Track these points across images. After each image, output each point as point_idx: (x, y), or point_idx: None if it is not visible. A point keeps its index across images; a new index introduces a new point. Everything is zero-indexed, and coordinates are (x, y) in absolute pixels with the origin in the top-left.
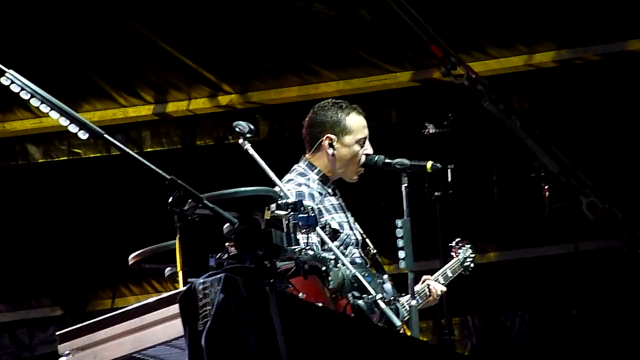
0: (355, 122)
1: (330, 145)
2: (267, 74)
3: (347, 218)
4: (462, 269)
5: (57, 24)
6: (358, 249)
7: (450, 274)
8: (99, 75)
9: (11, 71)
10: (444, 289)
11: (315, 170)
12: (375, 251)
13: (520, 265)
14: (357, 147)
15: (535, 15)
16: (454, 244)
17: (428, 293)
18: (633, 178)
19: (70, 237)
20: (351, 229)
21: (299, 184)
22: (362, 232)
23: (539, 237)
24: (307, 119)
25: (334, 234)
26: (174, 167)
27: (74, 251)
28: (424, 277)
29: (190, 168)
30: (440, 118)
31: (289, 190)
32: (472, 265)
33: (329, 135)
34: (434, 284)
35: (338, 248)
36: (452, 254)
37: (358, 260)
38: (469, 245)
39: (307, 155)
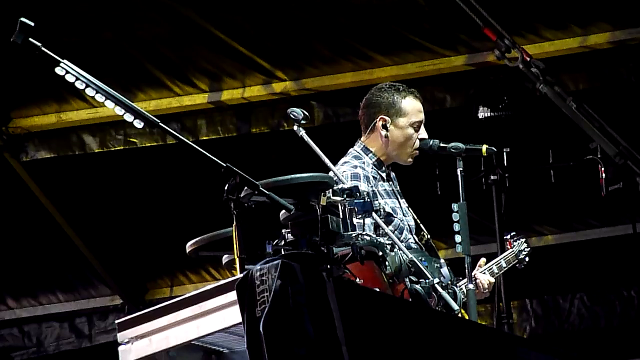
0: (411, 105)
1: (384, 126)
2: (321, 61)
3: (400, 204)
4: (517, 261)
5: (112, 14)
6: (412, 234)
7: (504, 265)
8: (153, 64)
9: (66, 61)
10: (492, 280)
11: (370, 155)
12: (429, 237)
13: (577, 247)
14: (410, 130)
15: None
16: (508, 237)
17: (474, 287)
18: None
19: (128, 226)
20: (404, 214)
21: (354, 166)
22: (416, 218)
23: (597, 219)
24: (363, 100)
25: (388, 218)
26: (229, 155)
27: (132, 240)
28: (481, 260)
29: (246, 156)
30: (496, 101)
31: (344, 172)
32: (527, 259)
33: (383, 116)
34: (482, 277)
35: (392, 233)
36: (507, 246)
37: (413, 246)
38: (523, 239)
39: (362, 138)
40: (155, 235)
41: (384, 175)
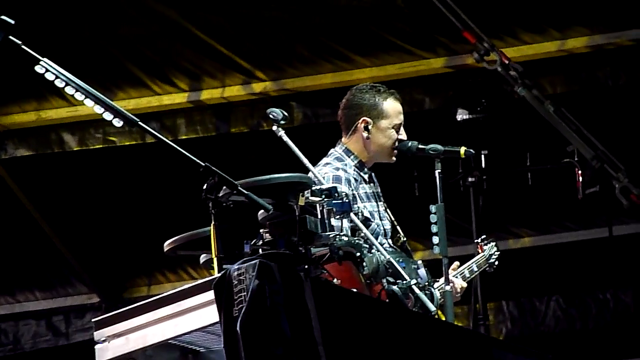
0: (392, 107)
1: (366, 128)
2: (301, 61)
3: (378, 207)
4: (488, 265)
5: (92, 12)
6: (387, 239)
7: (475, 269)
8: (133, 63)
9: (46, 59)
10: (464, 285)
11: (352, 157)
12: (405, 239)
13: (554, 249)
14: (392, 132)
15: (567, 0)
16: (479, 240)
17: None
18: None
19: (106, 224)
20: (381, 218)
21: (336, 168)
22: (392, 219)
23: (573, 222)
24: (344, 100)
25: (365, 223)
26: (208, 155)
27: (110, 238)
28: (454, 264)
29: (225, 155)
30: (474, 104)
31: (326, 174)
32: (496, 262)
33: (365, 118)
34: (454, 281)
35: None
36: (478, 250)
37: (388, 250)
38: (493, 243)
39: (343, 139)
40: (134, 234)
41: (365, 177)
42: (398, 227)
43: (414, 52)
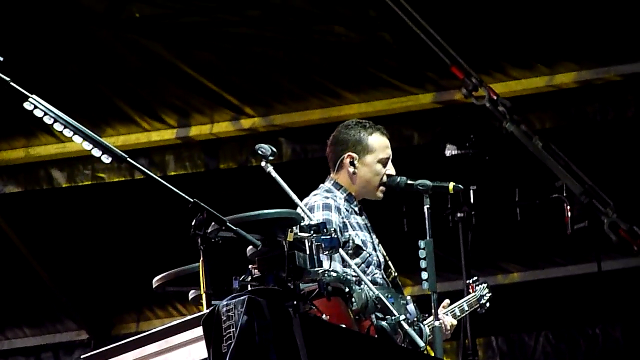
0: (378, 141)
1: (352, 163)
2: (290, 97)
3: (372, 238)
4: (479, 305)
5: (81, 49)
6: (380, 270)
7: (466, 308)
8: (122, 99)
9: (34, 96)
10: (454, 322)
11: (341, 190)
12: (396, 274)
13: (543, 285)
14: (378, 167)
15: (555, 35)
16: (470, 281)
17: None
18: None
19: (95, 261)
20: (374, 249)
21: (326, 197)
22: (385, 254)
23: (562, 257)
24: (331, 137)
25: (357, 250)
26: (197, 191)
27: (99, 275)
28: (445, 302)
29: (214, 191)
30: (462, 139)
31: (315, 202)
32: (488, 304)
33: (350, 153)
34: (444, 318)
35: (359, 266)
36: (470, 290)
37: (379, 281)
38: (485, 284)
39: (332, 174)
40: (122, 270)
41: (356, 209)
42: (390, 262)
43: (403, 87)
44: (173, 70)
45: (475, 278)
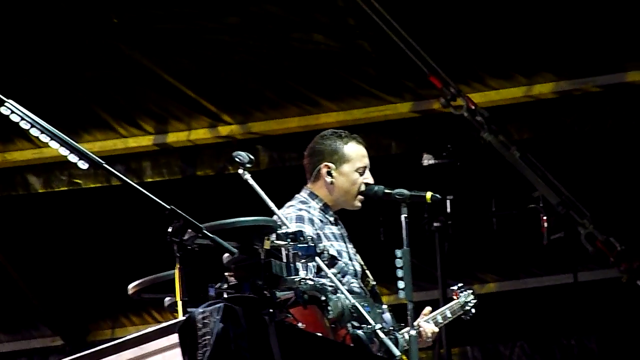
0: (354, 150)
1: (329, 173)
2: (268, 105)
3: (347, 248)
4: (463, 312)
5: (58, 55)
6: (357, 279)
7: (449, 315)
8: (99, 105)
9: (11, 101)
10: (436, 330)
11: (317, 200)
12: (374, 283)
13: (519, 295)
14: (355, 176)
15: (534, 46)
16: (455, 287)
17: (417, 335)
18: (632, 210)
19: (71, 267)
20: (350, 259)
21: (299, 209)
22: (362, 263)
23: (538, 268)
24: (307, 148)
25: (332, 261)
26: (174, 198)
27: (74, 281)
28: (425, 309)
29: (191, 198)
30: (440, 149)
31: (288, 214)
32: (472, 310)
33: (326, 163)
34: (426, 325)
35: (335, 276)
36: (454, 296)
37: (356, 290)
38: (470, 291)
39: (308, 184)
40: (98, 277)
41: (331, 219)
42: (367, 272)
43: (381, 96)
44: (151, 76)
45: (460, 284)
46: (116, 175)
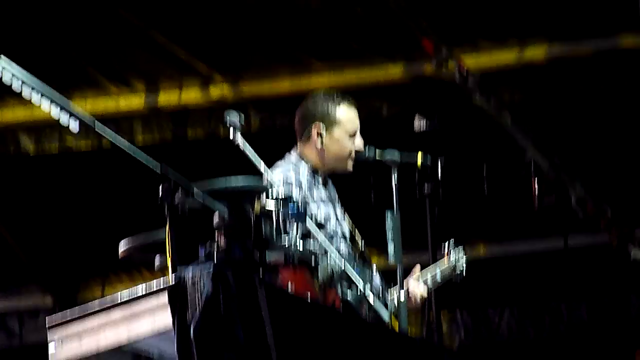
0: (346, 114)
1: (319, 135)
2: (259, 66)
3: (336, 210)
4: (453, 273)
5: (50, 14)
6: (346, 242)
7: (439, 279)
8: (91, 65)
9: (3, 58)
10: (425, 294)
11: (306, 161)
12: (364, 244)
13: (509, 260)
14: (345, 139)
15: (527, 10)
16: (446, 246)
17: (406, 298)
18: (623, 175)
19: (62, 226)
20: (338, 221)
21: (287, 170)
22: (351, 224)
23: (529, 232)
24: (298, 109)
25: (320, 225)
26: (165, 159)
27: (65, 240)
28: (415, 267)
29: (181, 159)
30: (431, 112)
31: (276, 176)
32: (464, 271)
33: (317, 125)
34: (415, 289)
35: (324, 239)
36: (445, 256)
37: (345, 253)
38: (461, 248)
39: (298, 145)
40: (88, 236)
41: (320, 179)
42: (357, 233)
43: (373, 59)
44: (143, 37)
45: (451, 241)
46: (107, 135)
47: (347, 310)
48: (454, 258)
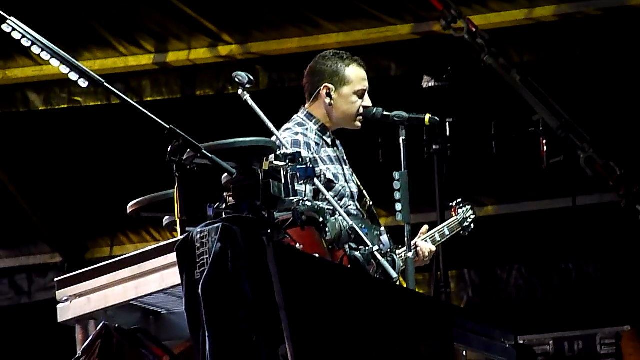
0: (355, 73)
1: (328, 95)
2: (268, 25)
3: (344, 170)
4: (461, 229)
5: None
6: (354, 201)
7: (447, 232)
8: (100, 23)
9: (12, 18)
10: (433, 248)
11: (314, 120)
12: (371, 203)
13: (517, 219)
14: (354, 98)
15: None
16: (454, 203)
17: (414, 255)
18: (632, 134)
19: (70, 184)
20: (347, 181)
21: (295, 132)
22: (359, 184)
23: (537, 191)
24: (307, 68)
25: (329, 184)
26: (173, 117)
27: (73, 198)
28: (423, 228)
29: (190, 118)
30: (440, 71)
31: (284, 139)
32: (472, 226)
33: (327, 84)
34: (423, 245)
35: (333, 198)
36: (452, 213)
37: (353, 212)
38: (469, 206)
39: (306, 105)
40: (97, 195)
41: (328, 140)
42: (365, 192)
43: (381, 18)
44: None
45: (459, 200)
46: (116, 93)
47: (356, 268)
48: (462, 216)
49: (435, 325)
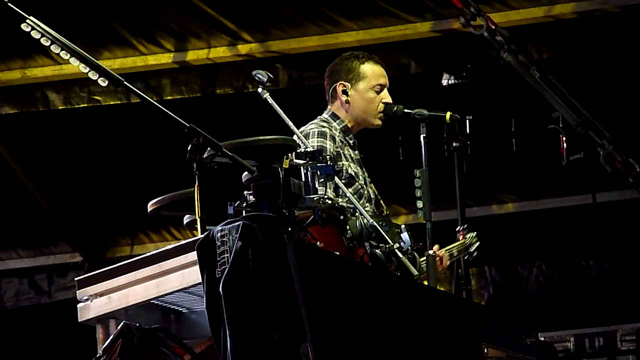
0: (370, 69)
1: (344, 92)
2: (287, 23)
3: (364, 173)
4: (467, 254)
5: None
6: (371, 205)
7: (455, 253)
8: (119, 22)
9: (32, 18)
10: (448, 261)
11: (338, 120)
12: (387, 212)
13: (537, 216)
14: (371, 94)
15: None
16: (460, 228)
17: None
18: None
19: (90, 184)
20: (366, 184)
21: (322, 125)
22: (376, 191)
23: (557, 188)
24: (327, 70)
25: (350, 181)
26: (193, 116)
27: (93, 198)
28: (434, 247)
29: (210, 116)
30: (460, 69)
31: (311, 129)
32: (475, 253)
33: (342, 82)
34: (440, 251)
35: (353, 196)
36: (460, 236)
37: (371, 214)
38: (474, 233)
39: (329, 106)
40: (117, 194)
41: (350, 142)
42: (381, 200)
43: (401, 15)
44: None
45: (465, 225)
46: (135, 92)
47: (376, 266)
48: (469, 241)
49: (460, 324)
